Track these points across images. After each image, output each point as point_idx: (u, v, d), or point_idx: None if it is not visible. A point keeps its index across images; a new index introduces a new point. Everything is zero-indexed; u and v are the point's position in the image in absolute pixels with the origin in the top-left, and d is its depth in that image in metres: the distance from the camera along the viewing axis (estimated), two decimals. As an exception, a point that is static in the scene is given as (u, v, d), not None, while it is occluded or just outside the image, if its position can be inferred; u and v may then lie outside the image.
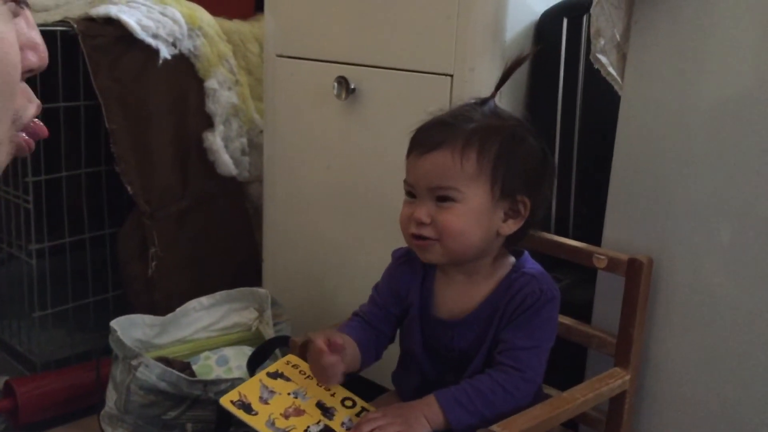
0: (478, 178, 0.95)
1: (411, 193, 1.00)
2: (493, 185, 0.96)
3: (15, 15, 0.52)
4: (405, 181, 1.00)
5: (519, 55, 1.04)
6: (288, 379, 1.03)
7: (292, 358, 1.07)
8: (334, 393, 1.02)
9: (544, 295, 0.99)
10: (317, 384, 1.03)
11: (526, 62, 1.35)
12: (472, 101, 1.03)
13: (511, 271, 1.03)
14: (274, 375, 1.04)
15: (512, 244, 1.04)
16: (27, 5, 0.54)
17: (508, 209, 0.98)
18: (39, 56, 0.55)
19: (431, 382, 1.06)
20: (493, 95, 1.02)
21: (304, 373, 1.04)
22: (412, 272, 1.08)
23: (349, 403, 1.01)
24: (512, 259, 1.05)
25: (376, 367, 1.13)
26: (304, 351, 1.14)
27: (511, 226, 0.99)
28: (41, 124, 0.62)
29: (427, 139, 0.99)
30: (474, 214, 0.96)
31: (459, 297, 1.04)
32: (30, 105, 0.57)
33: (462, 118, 0.99)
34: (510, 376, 0.97)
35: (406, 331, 1.09)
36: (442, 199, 0.96)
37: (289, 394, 1.00)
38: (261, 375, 1.04)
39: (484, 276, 1.03)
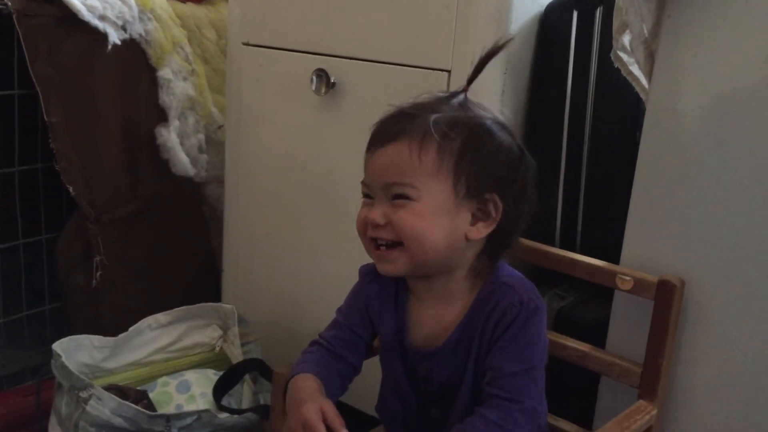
0: (438, 173, 0.84)
1: (368, 195, 0.88)
2: (456, 182, 0.84)
3: None
4: (362, 181, 0.89)
5: (495, 43, 0.89)
6: None
7: None
8: None
9: (525, 308, 0.86)
10: None
11: (530, 60, 1.24)
12: (441, 94, 0.91)
13: (485, 285, 0.90)
14: None
15: (493, 255, 0.91)
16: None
17: (476, 210, 0.86)
18: None
19: (416, 417, 0.95)
20: (465, 89, 0.90)
21: None
22: (383, 293, 0.95)
23: None
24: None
25: (360, 396, 1.02)
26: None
27: (481, 230, 0.86)
28: None
29: (384, 131, 0.88)
30: (433, 213, 0.84)
31: (433, 322, 0.92)
32: None
33: (425, 109, 0.87)
34: (505, 411, 0.84)
35: (386, 362, 0.97)
36: (397, 197, 0.85)
37: None
38: None
39: (459, 296, 0.91)
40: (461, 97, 0.89)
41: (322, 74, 1.31)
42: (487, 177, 0.85)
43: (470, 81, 0.90)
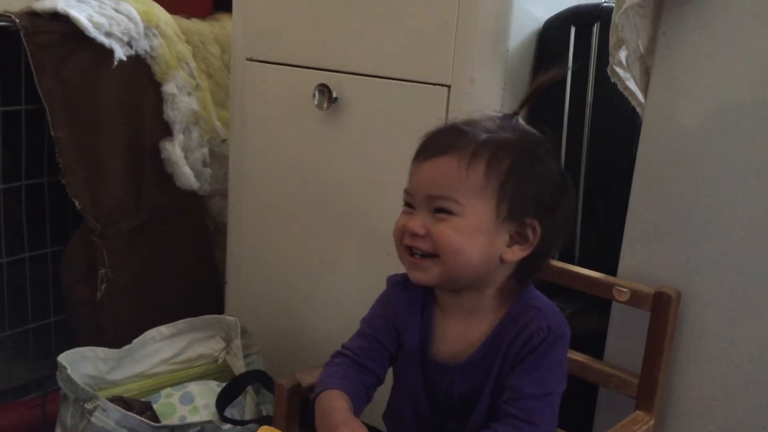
0: (484, 192, 0.85)
1: (410, 204, 0.89)
2: (499, 203, 0.85)
3: None
4: (405, 190, 0.90)
5: (556, 69, 0.91)
6: None
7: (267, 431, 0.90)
8: None
9: (552, 333, 0.87)
10: None
11: (528, 74, 1.26)
12: (494, 113, 0.92)
13: (513, 306, 0.91)
14: None
15: (522, 278, 0.92)
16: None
17: (515, 233, 0.87)
18: None
19: (430, 428, 0.96)
20: (516, 111, 0.91)
21: None
22: (410, 304, 0.96)
23: None
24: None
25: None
26: (293, 396, 1.01)
27: (516, 253, 0.88)
28: None
29: (434, 143, 0.88)
30: (473, 230, 0.85)
31: (459, 337, 0.93)
32: None
33: (478, 126, 0.88)
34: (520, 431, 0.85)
35: (404, 372, 0.98)
36: (440, 210, 0.86)
37: None
38: None
39: (486, 313, 0.92)
40: (514, 119, 0.90)
41: (324, 89, 1.33)
42: (531, 201, 0.86)
43: (523, 105, 0.91)
